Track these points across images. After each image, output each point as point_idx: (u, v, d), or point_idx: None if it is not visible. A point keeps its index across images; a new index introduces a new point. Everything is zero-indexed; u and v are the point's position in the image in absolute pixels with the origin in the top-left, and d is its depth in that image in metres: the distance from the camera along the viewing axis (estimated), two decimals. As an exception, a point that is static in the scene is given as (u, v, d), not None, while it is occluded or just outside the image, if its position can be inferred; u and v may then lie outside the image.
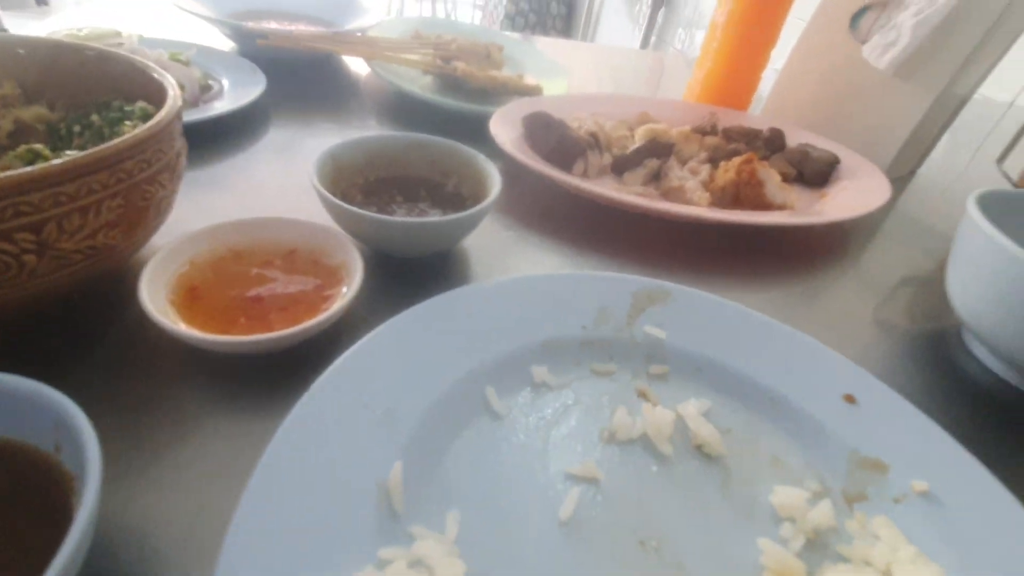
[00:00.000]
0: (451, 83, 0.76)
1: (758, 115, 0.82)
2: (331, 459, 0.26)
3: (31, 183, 0.25)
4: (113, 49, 0.38)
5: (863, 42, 0.72)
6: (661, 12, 2.78)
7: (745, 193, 0.57)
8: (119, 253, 0.32)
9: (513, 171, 0.58)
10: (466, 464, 0.30)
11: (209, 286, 0.36)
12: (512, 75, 0.76)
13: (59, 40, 0.38)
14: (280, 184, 0.53)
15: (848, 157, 0.70)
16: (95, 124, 0.37)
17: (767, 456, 0.33)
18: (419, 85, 0.74)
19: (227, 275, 0.37)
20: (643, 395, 0.36)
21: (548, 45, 1.14)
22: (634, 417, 0.33)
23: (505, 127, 0.60)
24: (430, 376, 0.32)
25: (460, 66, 0.73)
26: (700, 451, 0.33)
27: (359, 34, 0.80)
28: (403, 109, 0.73)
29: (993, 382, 0.42)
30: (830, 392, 0.36)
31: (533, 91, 0.75)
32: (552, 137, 0.59)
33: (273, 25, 0.80)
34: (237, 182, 0.53)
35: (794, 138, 0.74)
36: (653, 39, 2.82)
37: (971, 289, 0.41)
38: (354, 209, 0.39)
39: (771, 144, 0.72)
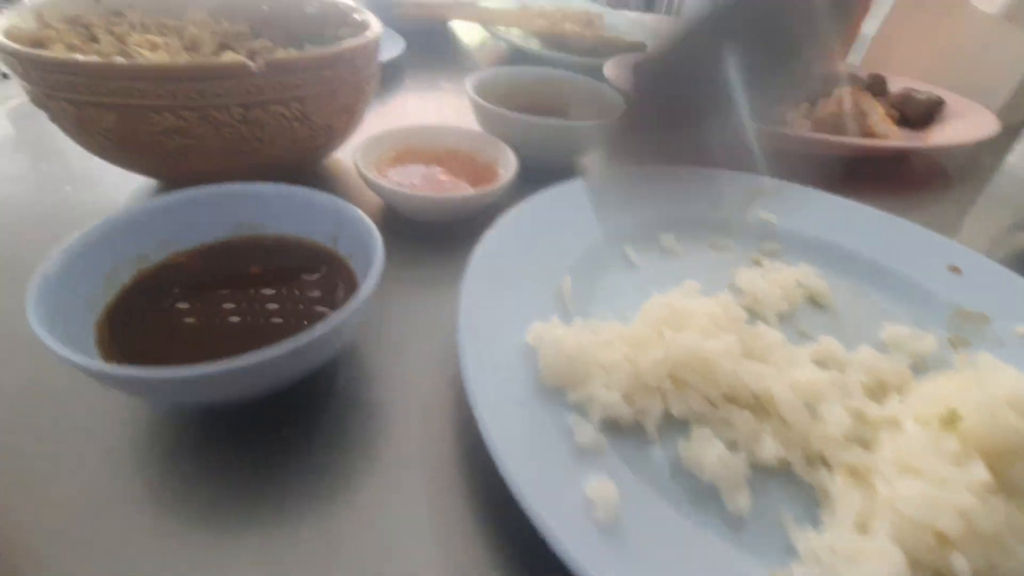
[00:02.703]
0: (557, 46, 0.83)
1: (857, 66, 0.83)
2: (518, 268, 0.34)
3: (306, 63, 0.35)
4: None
5: (971, -15, 0.72)
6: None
7: (848, 124, 0.61)
8: (338, 137, 0.42)
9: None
10: (612, 292, 0.36)
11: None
12: (615, 35, 0.83)
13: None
14: (425, 115, 0.62)
15: (954, 101, 0.71)
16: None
17: (874, 311, 0.38)
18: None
19: (412, 159, 0.46)
20: (757, 263, 0.41)
21: (636, 17, 1.19)
22: (753, 272, 0.39)
23: (619, 72, 0.67)
24: (580, 229, 0.39)
25: (569, 26, 0.80)
26: (811, 302, 0.38)
27: (476, 5, 0.89)
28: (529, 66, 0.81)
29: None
30: (935, 263, 0.40)
31: (637, 47, 0.81)
32: (659, 78, 0.65)
33: None
34: (397, 115, 0.63)
35: (896, 86, 0.75)
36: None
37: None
38: (509, 112, 0.47)
39: (872, 88, 0.74)
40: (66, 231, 0.27)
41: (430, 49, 0.85)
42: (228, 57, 0.38)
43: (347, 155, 0.44)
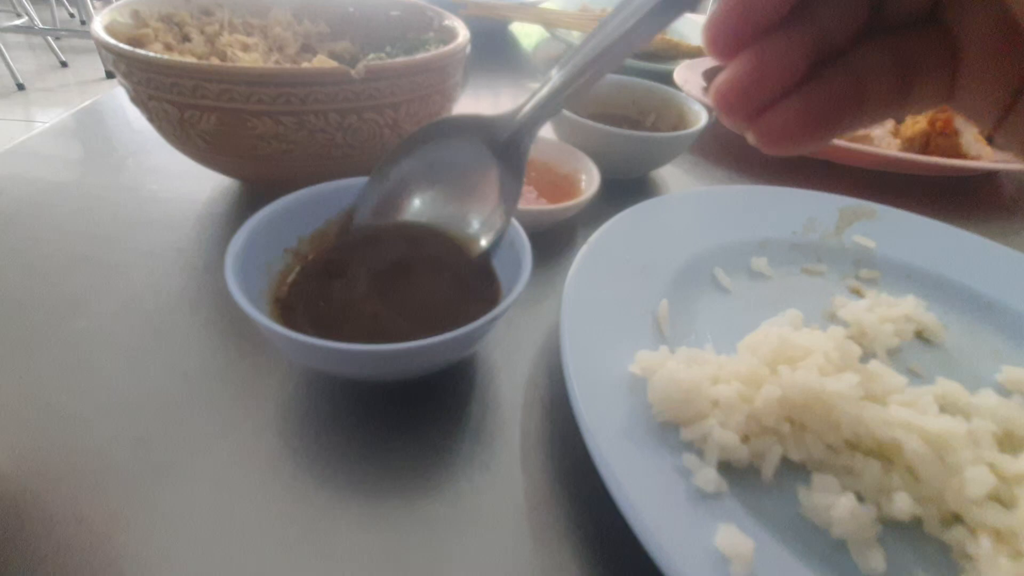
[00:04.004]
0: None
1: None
2: (614, 290, 0.33)
3: (404, 69, 0.34)
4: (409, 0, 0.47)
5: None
6: None
7: (937, 143, 0.57)
8: (422, 144, 0.41)
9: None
10: (707, 318, 0.35)
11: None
12: (680, 39, 0.80)
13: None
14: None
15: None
16: (389, 53, 0.47)
17: (988, 349, 0.35)
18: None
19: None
20: (856, 292, 0.39)
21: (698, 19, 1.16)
22: (857, 303, 0.37)
23: (690, 78, 0.65)
24: (668, 250, 0.38)
25: (634, 31, 0.79)
26: (920, 337, 0.35)
27: (538, 7, 0.88)
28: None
29: None
30: (1057, 301, 0.37)
31: (700, 52, 0.78)
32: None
33: None
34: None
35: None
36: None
37: None
38: (592, 123, 0.45)
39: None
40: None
41: (490, 50, 0.85)
42: (323, 62, 0.38)
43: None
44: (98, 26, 0.35)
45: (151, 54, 0.31)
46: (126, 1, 0.39)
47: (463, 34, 0.41)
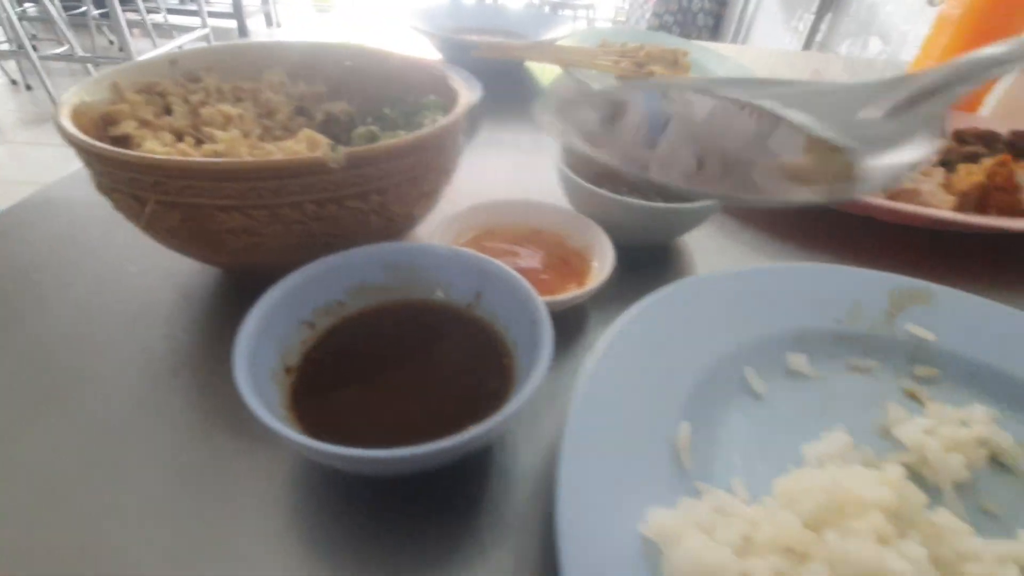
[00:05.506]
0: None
1: (989, 116, 0.73)
2: (626, 414, 0.28)
3: (390, 153, 0.31)
4: (410, 55, 0.44)
5: None
6: (827, 19, 2.58)
7: (996, 198, 0.51)
8: (415, 222, 0.38)
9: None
10: (735, 439, 0.30)
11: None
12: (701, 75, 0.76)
13: (363, 47, 0.45)
14: (501, 175, 0.58)
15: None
16: (387, 115, 0.43)
17: (1078, 477, 0.29)
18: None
19: (492, 240, 0.42)
20: (912, 396, 0.33)
21: (722, 49, 1.11)
22: (911, 413, 0.31)
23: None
24: (690, 351, 0.33)
25: (655, 69, 0.74)
26: (995, 463, 0.30)
27: (554, 44, 0.85)
28: (596, 112, 0.76)
29: None
30: None
31: (730, 93, 0.74)
32: (764, 136, 0.57)
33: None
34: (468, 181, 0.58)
35: (1041, 142, 0.64)
36: (814, 51, 2.62)
37: None
38: (609, 194, 0.41)
39: (1014, 147, 0.63)
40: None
41: (505, 93, 0.81)
42: (309, 137, 0.35)
43: (422, 232, 0.40)
44: (63, 104, 0.32)
45: (104, 147, 0.28)
46: (105, 73, 0.37)
47: (464, 99, 0.37)
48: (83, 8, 3.05)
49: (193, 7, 3.49)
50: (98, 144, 0.28)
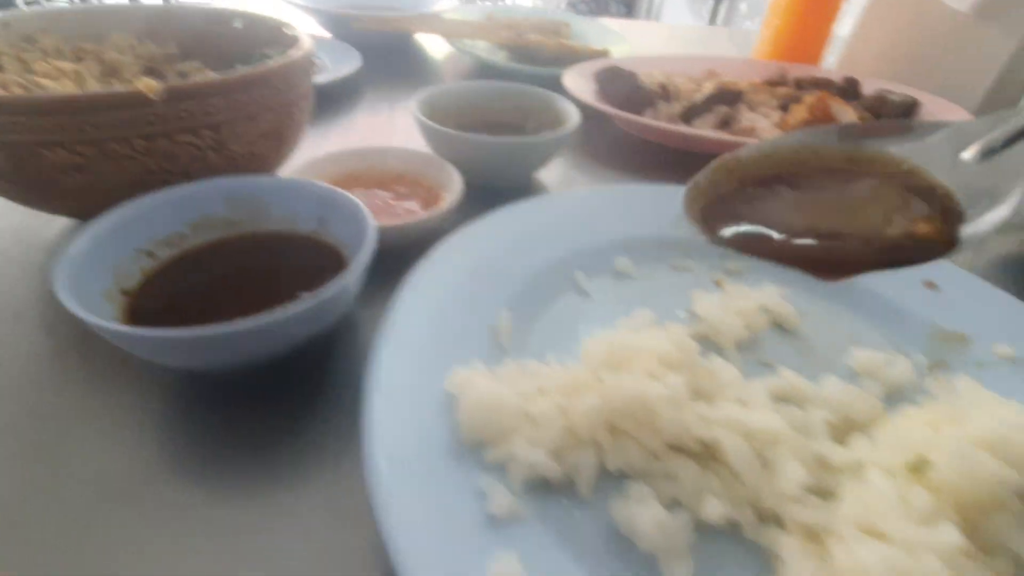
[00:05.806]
0: (524, 57, 0.81)
1: (831, 68, 0.81)
2: (452, 302, 0.31)
3: (214, 88, 0.32)
4: (256, 12, 0.46)
5: (943, -18, 0.70)
6: (724, 3, 2.74)
7: (818, 129, 0.58)
8: (268, 164, 0.39)
9: (586, 123, 0.62)
10: (556, 325, 0.34)
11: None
12: (580, 43, 0.80)
13: (211, 8, 0.46)
14: (379, 136, 0.60)
15: (930, 102, 0.68)
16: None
17: (845, 334, 0.35)
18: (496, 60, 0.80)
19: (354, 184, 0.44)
20: (719, 284, 0.38)
21: (610, 23, 1.17)
22: (712, 296, 0.36)
23: (579, 81, 0.64)
24: (526, 256, 0.36)
25: (533, 36, 0.78)
26: (777, 327, 0.35)
27: (437, 16, 0.87)
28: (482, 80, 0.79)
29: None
30: (910, 279, 0.37)
31: (601, 55, 0.78)
32: (624, 88, 0.62)
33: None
34: (343, 135, 0.60)
35: (870, 88, 0.73)
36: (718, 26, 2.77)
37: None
38: (453, 131, 0.44)
39: (845, 93, 0.71)
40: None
41: (392, 65, 0.83)
42: (147, 85, 0.36)
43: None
44: None
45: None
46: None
47: (302, 46, 0.39)
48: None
49: None
50: (-96, 85, 0.28)
